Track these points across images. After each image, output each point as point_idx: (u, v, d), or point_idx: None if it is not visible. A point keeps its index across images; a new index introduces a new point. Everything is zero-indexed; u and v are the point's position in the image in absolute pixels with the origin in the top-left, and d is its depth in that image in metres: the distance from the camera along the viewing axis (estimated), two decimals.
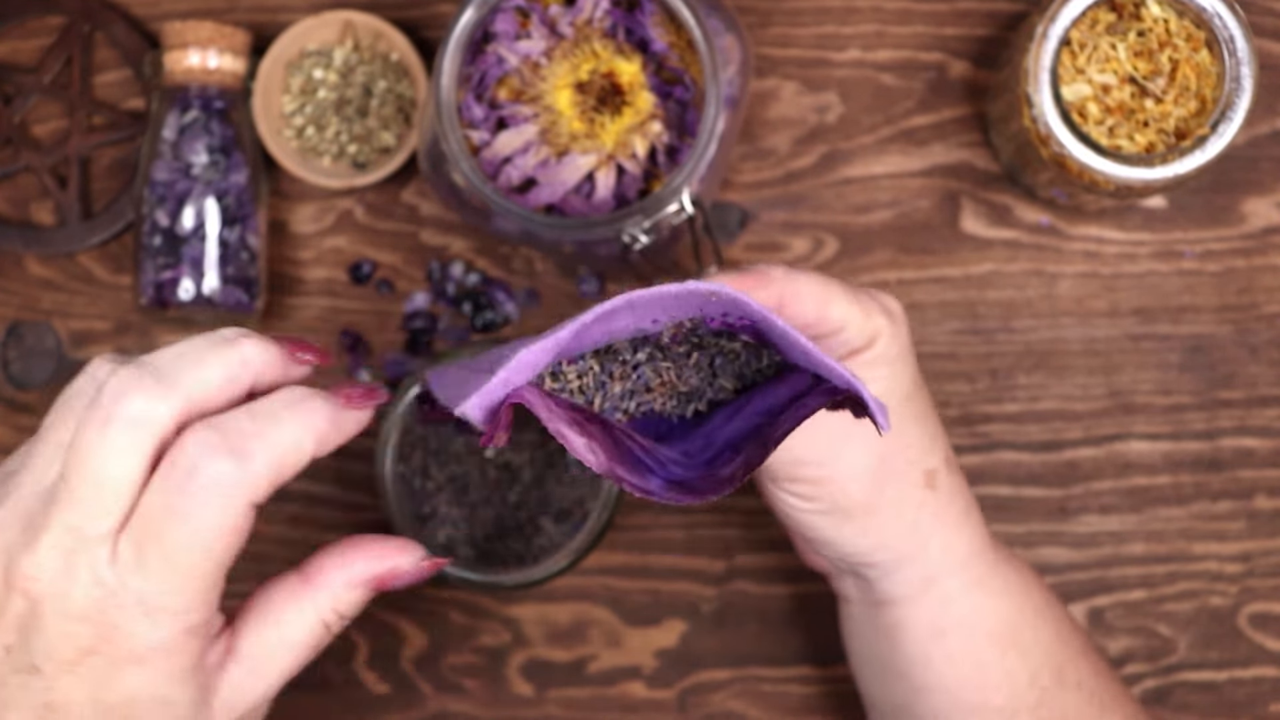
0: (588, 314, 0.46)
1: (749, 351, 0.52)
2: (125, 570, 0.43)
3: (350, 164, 0.71)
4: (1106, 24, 0.64)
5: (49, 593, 0.43)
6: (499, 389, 0.45)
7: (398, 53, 0.71)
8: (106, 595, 0.43)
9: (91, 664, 0.44)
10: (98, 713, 0.44)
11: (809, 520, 0.56)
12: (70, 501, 0.43)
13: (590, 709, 0.71)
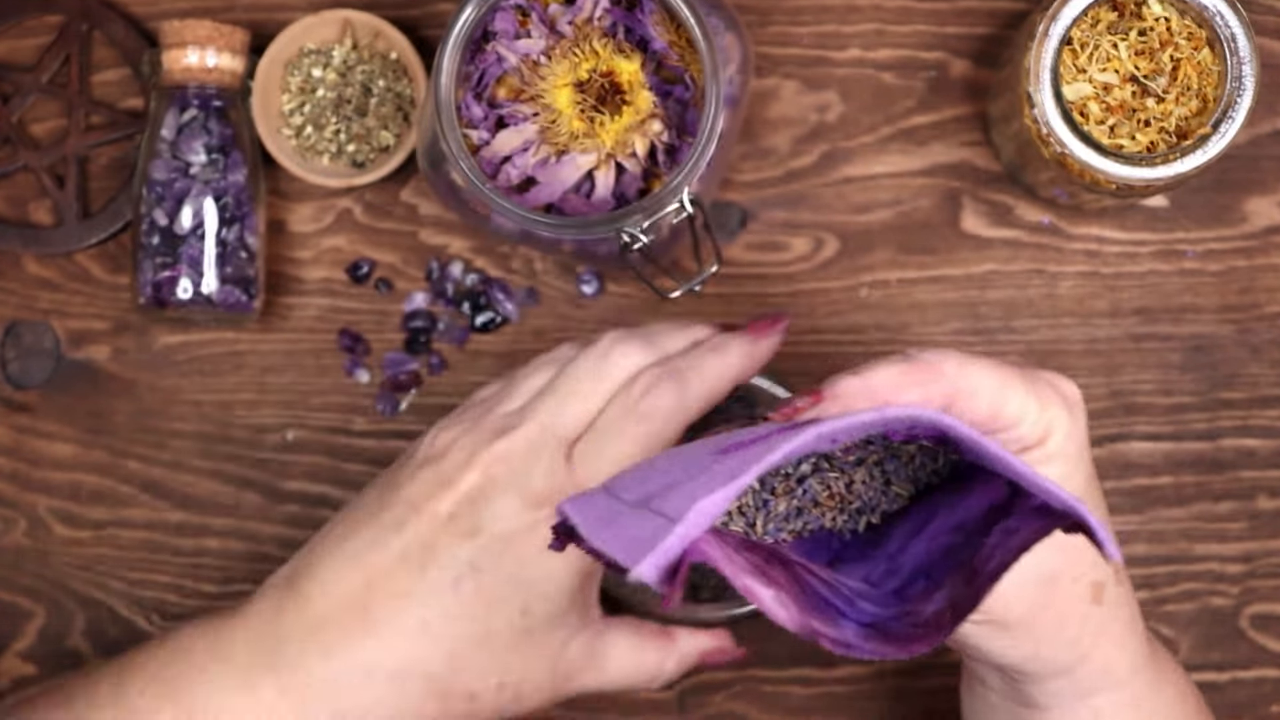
0: (775, 453, 0.41)
1: (924, 453, 0.48)
2: (577, 465, 0.52)
3: (349, 163, 0.71)
4: (1108, 23, 0.64)
5: (510, 472, 0.52)
6: (676, 545, 0.40)
7: (397, 51, 0.71)
8: (556, 486, 0.52)
9: (524, 541, 0.52)
10: (510, 585, 0.52)
11: (962, 629, 0.50)
12: (548, 408, 0.53)
13: (590, 709, 0.71)
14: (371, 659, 0.52)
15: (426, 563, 0.52)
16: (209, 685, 0.53)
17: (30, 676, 0.72)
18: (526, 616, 0.53)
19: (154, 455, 0.72)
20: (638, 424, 0.53)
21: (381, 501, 0.55)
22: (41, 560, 0.72)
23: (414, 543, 0.53)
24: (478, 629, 0.52)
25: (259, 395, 0.72)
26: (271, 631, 0.53)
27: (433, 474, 0.54)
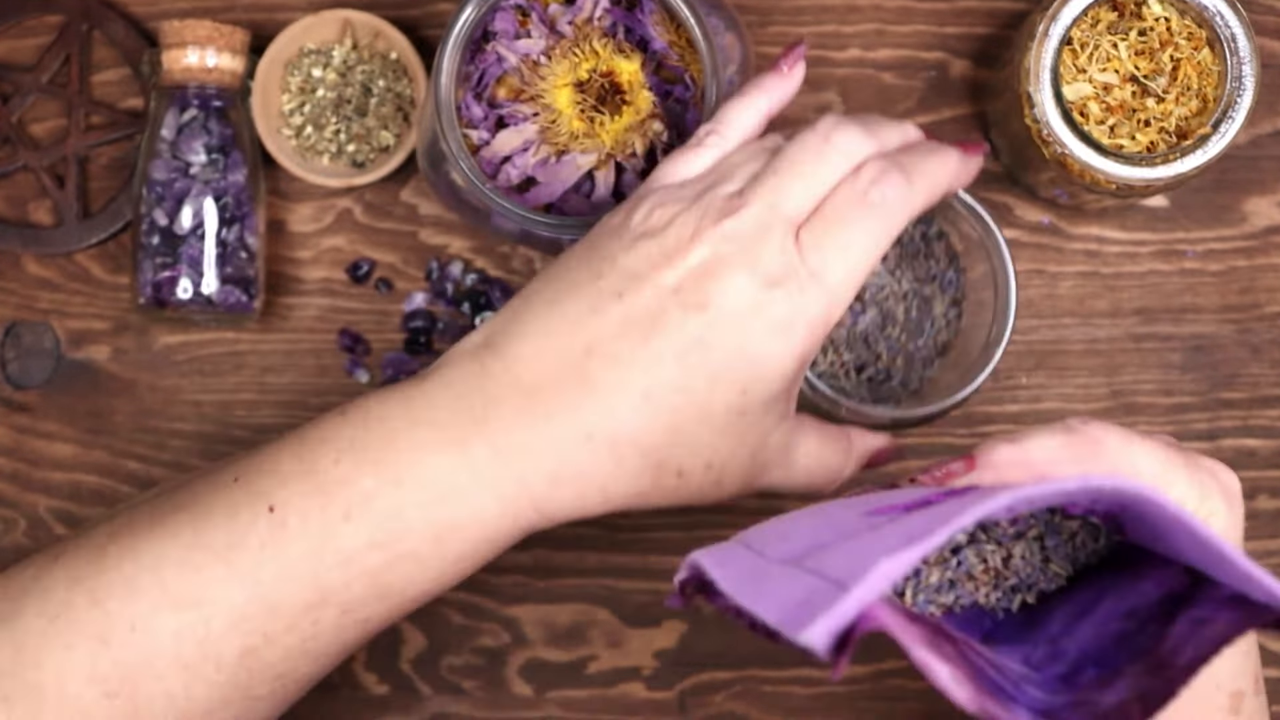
0: (964, 517, 0.37)
1: (1086, 531, 0.46)
2: (805, 250, 0.50)
3: (349, 163, 0.71)
4: (1108, 23, 0.64)
5: (741, 250, 0.50)
6: (853, 608, 0.36)
7: (397, 51, 0.71)
8: (787, 267, 0.50)
9: (751, 320, 0.50)
10: (734, 363, 0.50)
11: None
12: (772, 187, 0.51)
13: (590, 710, 0.71)
14: (593, 424, 0.50)
15: (651, 332, 0.50)
16: (414, 449, 0.51)
17: None
18: (744, 396, 0.51)
19: (154, 455, 0.72)
20: (868, 213, 0.51)
21: (593, 270, 0.52)
22: None
23: (638, 311, 0.50)
24: (697, 405, 0.50)
25: (259, 395, 0.72)
26: (479, 394, 0.51)
27: (655, 246, 0.51)
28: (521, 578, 0.72)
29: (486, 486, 0.50)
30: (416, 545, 0.50)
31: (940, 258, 0.65)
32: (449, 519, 0.51)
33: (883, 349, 0.65)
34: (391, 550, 0.50)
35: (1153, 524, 0.41)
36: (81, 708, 0.49)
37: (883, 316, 0.65)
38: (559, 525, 0.53)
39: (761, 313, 0.50)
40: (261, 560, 0.50)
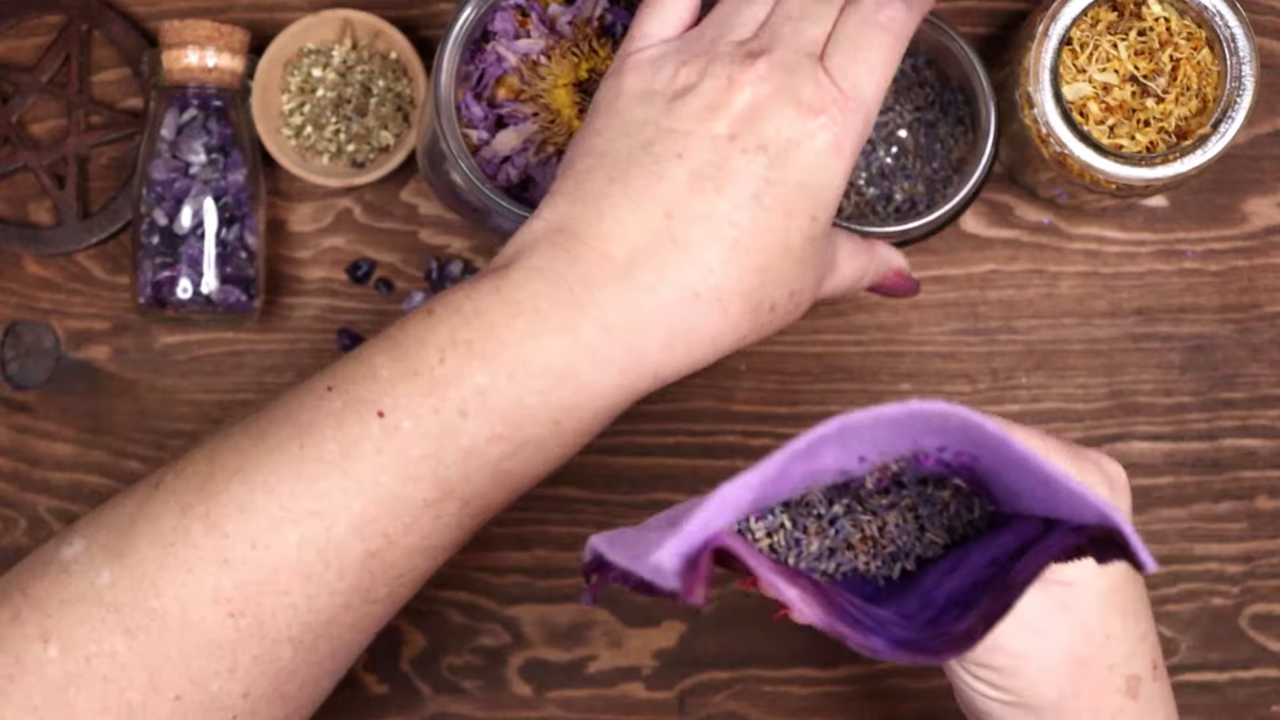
0: (797, 442, 0.41)
1: (959, 501, 0.48)
2: (835, 75, 0.52)
3: (349, 163, 0.71)
4: (1108, 23, 0.64)
5: (778, 88, 0.52)
6: (698, 531, 0.40)
7: (396, 51, 0.71)
8: (824, 93, 0.52)
9: (807, 149, 0.52)
10: (801, 193, 0.52)
11: (989, 708, 0.51)
12: (787, 30, 0.53)
13: (590, 710, 0.71)
14: (696, 282, 0.51)
15: (723, 183, 0.51)
16: (521, 340, 0.51)
17: None
18: (815, 223, 0.53)
19: (154, 455, 0.72)
20: (881, 33, 0.53)
21: (642, 139, 0.53)
22: None
23: (704, 165, 0.51)
24: (780, 240, 0.52)
25: (259, 395, 0.72)
26: (574, 277, 0.51)
27: (697, 101, 0.52)
28: (521, 578, 0.72)
29: (603, 365, 0.51)
30: (538, 431, 0.51)
31: (933, 83, 0.67)
32: (570, 402, 0.51)
33: (902, 179, 0.66)
34: (512, 440, 0.51)
35: (1000, 473, 0.43)
36: (206, 630, 0.49)
37: (895, 150, 0.66)
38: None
39: (815, 140, 0.52)
40: (380, 465, 0.50)
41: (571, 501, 0.72)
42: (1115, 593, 0.50)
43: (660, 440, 0.72)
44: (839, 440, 0.42)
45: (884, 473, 0.46)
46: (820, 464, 0.44)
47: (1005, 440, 0.41)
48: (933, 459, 0.45)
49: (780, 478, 0.43)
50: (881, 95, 0.53)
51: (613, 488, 0.72)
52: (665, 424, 0.72)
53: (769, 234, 0.52)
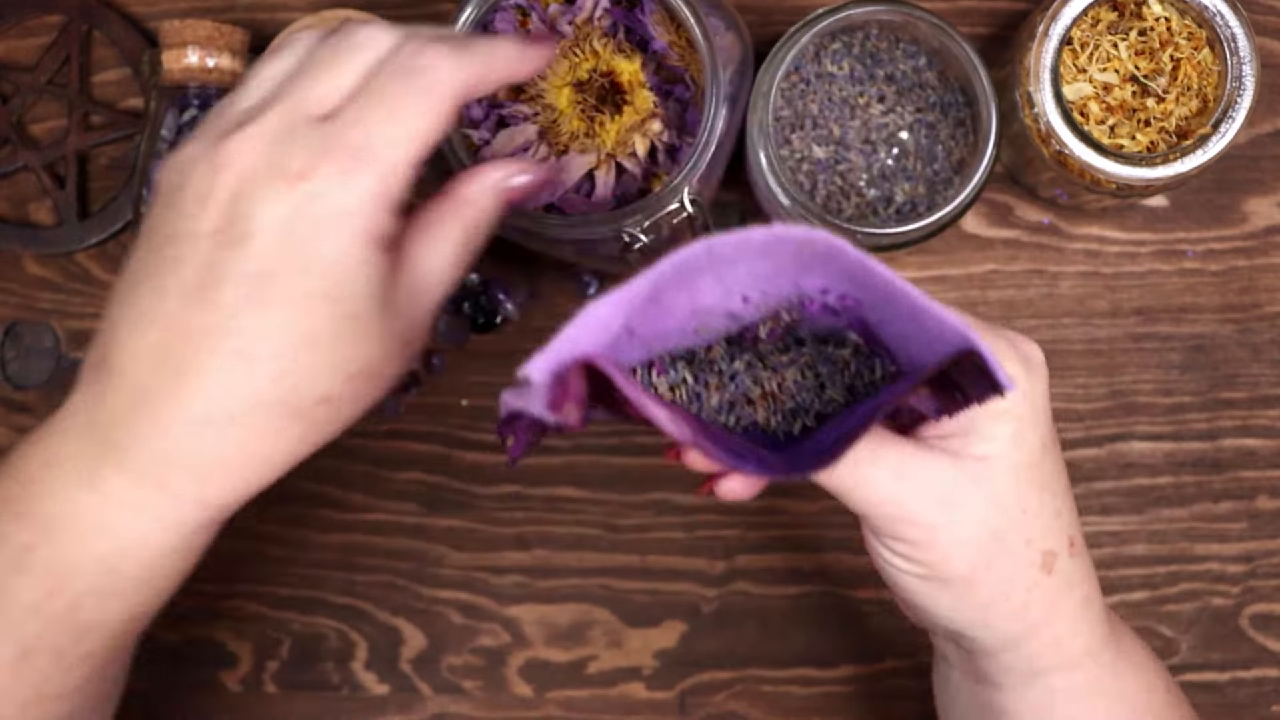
0: (663, 262, 0.41)
1: (859, 361, 0.49)
2: (340, 130, 0.46)
3: None
4: (1108, 23, 0.64)
5: (264, 158, 0.46)
6: (565, 346, 0.40)
7: None
8: (318, 153, 0.46)
9: (302, 226, 0.45)
10: (308, 277, 0.46)
11: (905, 582, 0.51)
12: (295, 87, 0.47)
13: (590, 710, 0.71)
14: (203, 409, 0.46)
15: (211, 289, 0.46)
16: (53, 493, 0.48)
17: None
18: (340, 302, 0.46)
19: None
20: (411, 79, 0.47)
21: (149, 250, 0.48)
22: None
23: (192, 275, 0.46)
24: (296, 334, 0.46)
25: None
26: (96, 420, 0.48)
27: (188, 194, 0.47)
28: (521, 578, 0.72)
29: (134, 510, 0.48)
30: (95, 581, 0.49)
31: (934, 85, 0.66)
32: (114, 550, 0.48)
33: (903, 181, 0.66)
34: (70, 591, 0.48)
35: (883, 316, 0.44)
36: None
37: (896, 151, 0.66)
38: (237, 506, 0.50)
39: (307, 212, 0.46)
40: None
41: (571, 501, 0.72)
42: (1031, 468, 0.49)
43: (660, 440, 0.72)
44: (711, 268, 0.42)
45: (776, 322, 0.47)
46: (702, 299, 0.44)
47: (865, 264, 0.41)
48: (818, 303, 0.45)
49: (657, 308, 0.43)
50: (408, 148, 0.47)
51: (613, 488, 0.72)
52: None
53: (278, 333, 0.46)
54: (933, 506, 0.48)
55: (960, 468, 0.49)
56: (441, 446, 0.72)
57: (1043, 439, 0.50)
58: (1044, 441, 0.50)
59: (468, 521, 0.71)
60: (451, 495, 0.72)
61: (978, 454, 0.49)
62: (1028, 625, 0.51)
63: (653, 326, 0.45)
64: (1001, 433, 0.48)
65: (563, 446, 0.72)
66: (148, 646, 0.73)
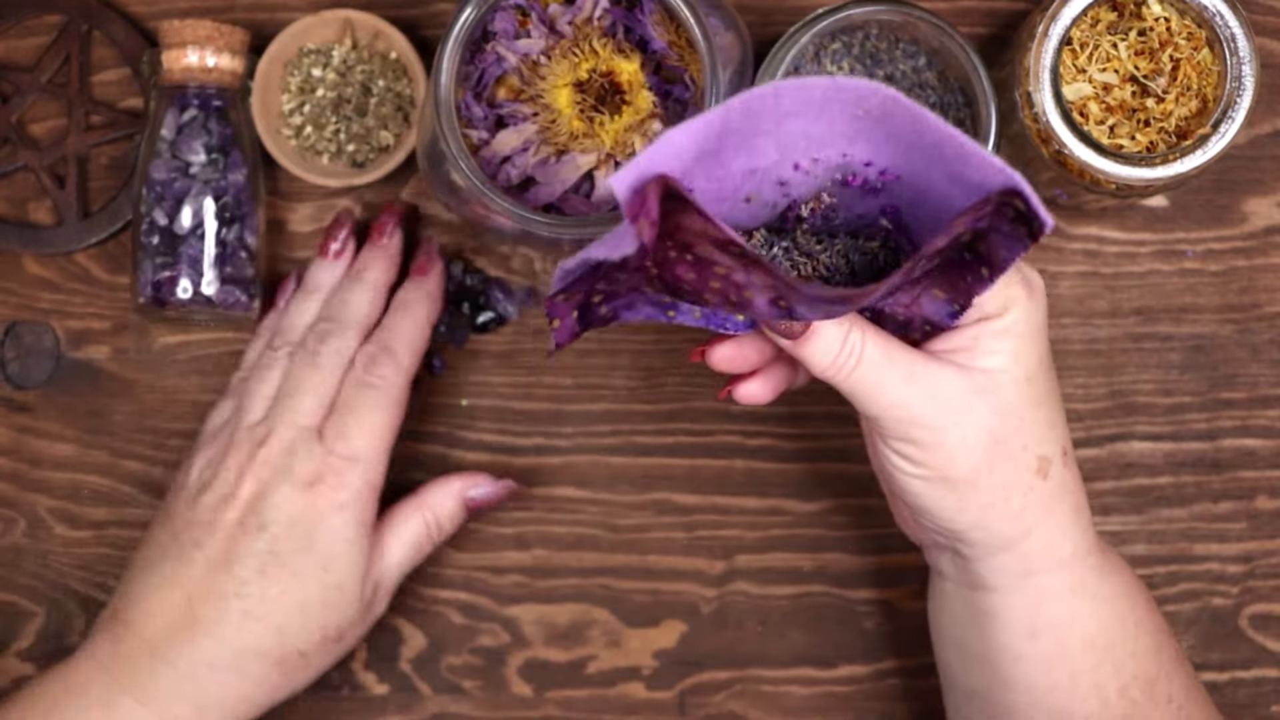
0: (733, 100, 0.45)
1: (887, 254, 0.52)
2: (331, 442, 0.63)
3: (349, 163, 0.71)
4: (1108, 23, 0.64)
5: (276, 471, 0.62)
6: (644, 163, 0.44)
7: (396, 51, 0.71)
8: (319, 463, 0.62)
9: (305, 518, 0.62)
10: (306, 555, 0.62)
11: (911, 485, 0.55)
12: (288, 408, 0.64)
13: (590, 710, 0.71)
14: (211, 654, 0.61)
15: (231, 563, 0.61)
16: (70, 717, 0.60)
17: (31, 676, 0.72)
18: (329, 573, 0.62)
19: (154, 455, 0.72)
20: (373, 393, 0.64)
21: (173, 532, 0.63)
22: (41, 560, 0.72)
23: (216, 551, 0.62)
24: (292, 600, 0.61)
25: None
26: (116, 659, 0.61)
27: (213, 497, 0.63)
28: (521, 578, 0.72)
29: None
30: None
31: (934, 85, 0.66)
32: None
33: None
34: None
35: (922, 185, 0.48)
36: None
37: None
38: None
39: (311, 509, 0.62)
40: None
41: (571, 501, 0.72)
42: (1029, 382, 0.54)
43: (660, 440, 0.72)
44: (774, 113, 0.46)
45: (819, 203, 0.51)
46: (759, 161, 0.48)
47: (916, 112, 0.45)
48: (860, 178, 0.49)
49: (718, 163, 0.47)
50: (382, 445, 0.64)
51: (613, 488, 0.72)
52: (665, 424, 0.72)
53: (277, 599, 0.61)
54: (940, 410, 0.53)
55: (966, 377, 0.53)
56: (441, 446, 0.72)
57: (1040, 357, 0.55)
58: (1041, 359, 0.55)
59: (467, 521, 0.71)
60: None
61: (982, 366, 0.53)
62: (1023, 527, 0.56)
63: (712, 185, 0.48)
64: (1004, 348, 0.53)
65: (563, 446, 0.72)
66: None
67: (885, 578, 0.71)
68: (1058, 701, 0.58)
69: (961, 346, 0.54)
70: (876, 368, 0.52)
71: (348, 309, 0.66)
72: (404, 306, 0.67)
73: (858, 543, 0.71)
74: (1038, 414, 0.55)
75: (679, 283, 0.49)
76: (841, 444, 0.71)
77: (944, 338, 0.54)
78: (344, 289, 0.67)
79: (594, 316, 0.51)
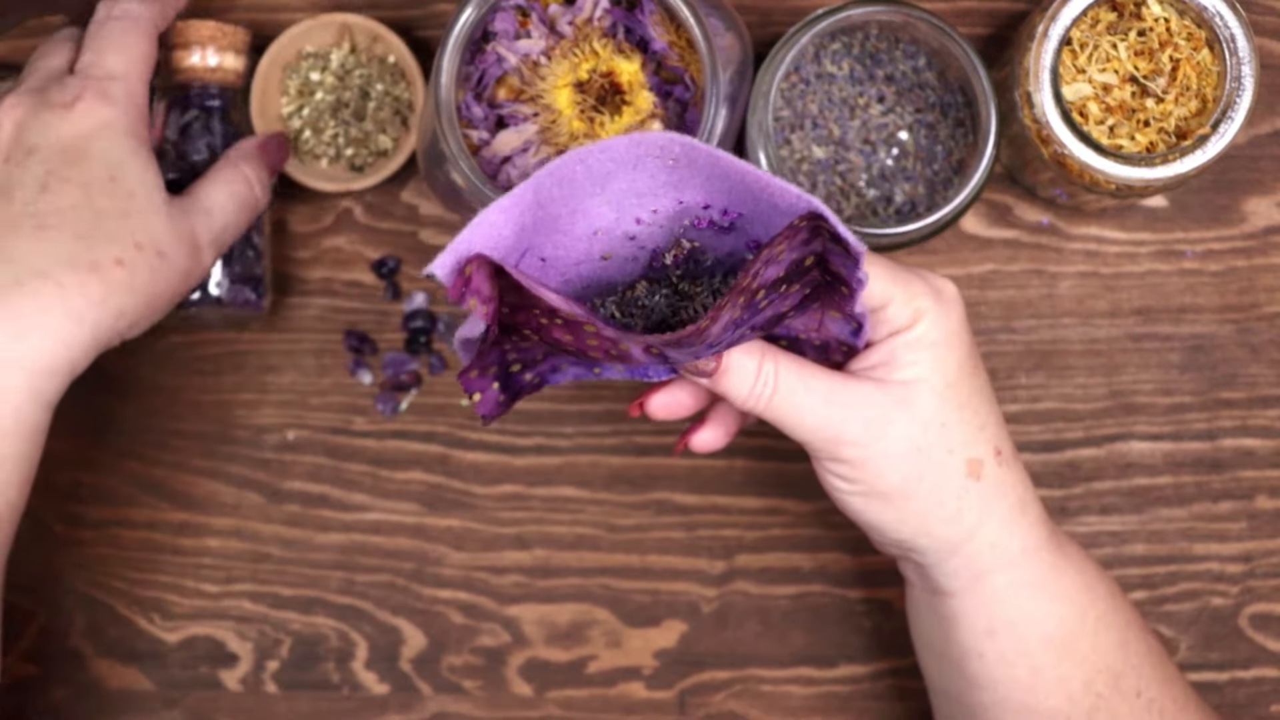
0: (540, 170, 0.48)
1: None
2: (81, 68, 0.62)
3: (347, 166, 0.71)
4: (1107, 23, 0.64)
5: (30, 105, 0.61)
6: (461, 246, 0.47)
7: (395, 55, 0.71)
8: (68, 86, 0.61)
9: (70, 131, 0.60)
10: (86, 167, 0.60)
11: (851, 503, 0.56)
12: (38, 62, 0.63)
13: (590, 710, 0.71)
14: (13, 274, 0.58)
15: (11, 190, 0.59)
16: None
17: (31, 676, 0.72)
18: (118, 181, 0.60)
19: (155, 455, 0.72)
20: (121, 24, 0.63)
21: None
22: (41, 560, 0.72)
23: (2, 188, 0.60)
24: (87, 208, 0.59)
25: (260, 395, 0.72)
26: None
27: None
28: (521, 578, 0.72)
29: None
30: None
31: (934, 85, 0.67)
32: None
33: (903, 181, 0.66)
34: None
35: (758, 220, 0.50)
36: None
37: (896, 152, 0.67)
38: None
39: (81, 126, 0.60)
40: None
41: (571, 501, 0.72)
42: (950, 388, 0.55)
43: (660, 440, 0.72)
44: (589, 179, 0.48)
45: (679, 249, 0.52)
46: (598, 220, 0.50)
47: (714, 155, 0.47)
48: (705, 220, 0.51)
49: (555, 229, 0.50)
50: (139, 67, 0.62)
51: (613, 488, 0.72)
52: (665, 424, 0.72)
53: (70, 210, 0.59)
54: (862, 427, 0.54)
55: (885, 391, 0.54)
56: (441, 446, 0.72)
57: (959, 362, 0.55)
58: (961, 364, 0.55)
59: (468, 521, 0.71)
60: (451, 495, 0.72)
61: (899, 379, 0.54)
62: (965, 529, 0.57)
63: (561, 252, 0.50)
64: (919, 358, 0.54)
65: (563, 446, 0.72)
66: (148, 645, 0.73)
67: (885, 577, 0.71)
68: (1021, 698, 0.58)
69: (880, 362, 0.55)
70: (794, 394, 0.54)
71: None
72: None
73: (858, 543, 0.71)
74: (961, 418, 0.55)
75: (560, 345, 0.51)
76: None
77: (863, 355, 0.55)
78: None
79: (520, 384, 0.53)
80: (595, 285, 0.53)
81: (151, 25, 0.64)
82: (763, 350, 0.53)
